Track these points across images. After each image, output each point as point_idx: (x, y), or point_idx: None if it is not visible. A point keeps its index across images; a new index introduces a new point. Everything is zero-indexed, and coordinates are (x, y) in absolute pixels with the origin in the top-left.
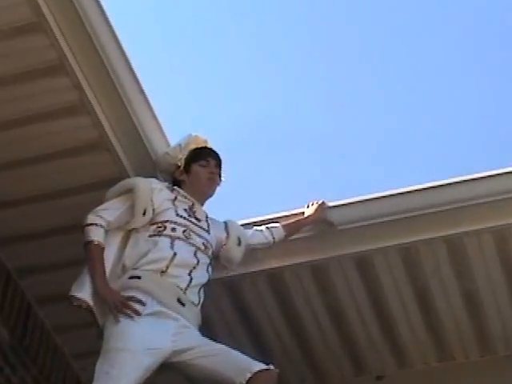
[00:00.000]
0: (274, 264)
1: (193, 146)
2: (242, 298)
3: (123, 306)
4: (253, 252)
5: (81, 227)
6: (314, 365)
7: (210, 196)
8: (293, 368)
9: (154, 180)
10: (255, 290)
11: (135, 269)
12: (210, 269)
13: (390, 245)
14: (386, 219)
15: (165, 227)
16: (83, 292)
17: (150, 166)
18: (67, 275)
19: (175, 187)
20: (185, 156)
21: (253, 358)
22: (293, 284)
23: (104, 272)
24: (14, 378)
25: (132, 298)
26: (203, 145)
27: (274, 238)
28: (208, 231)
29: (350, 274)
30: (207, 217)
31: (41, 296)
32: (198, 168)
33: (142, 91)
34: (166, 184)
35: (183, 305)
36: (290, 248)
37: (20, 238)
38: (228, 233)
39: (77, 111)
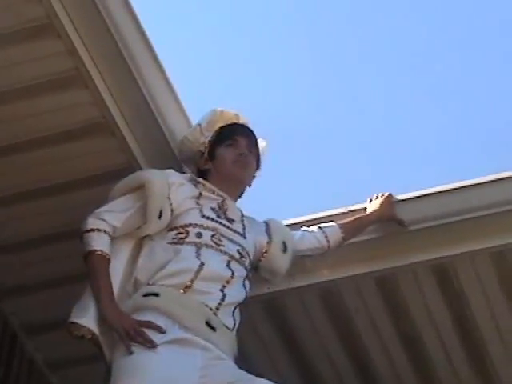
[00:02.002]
0: (328, 276)
1: (219, 125)
2: (287, 320)
3: (137, 335)
4: (300, 261)
5: (79, 234)
6: None
7: (243, 186)
8: None
9: (171, 172)
10: (303, 309)
11: (151, 284)
12: (246, 283)
13: (479, 248)
14: (473, 215)
15: (187, 233)
16: (87, 318)
17: (168, 154)
18: (63, 296)
19: (201, 180)
20: (208, 138)
21: None
22: (352, 301)
23: (111, 290)
24: None
25: (148, 324)
26: (233, 121)
27: (328, 242)
28: (243, 235)
29: (427, 288)
30: (243, 216)
31: (29, 323)
32: (224, 150)
33: (155, 58)
34: (189, 176)
35: (214, 329)
36: (347, 255)
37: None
38: (270, 236)
39: (72, 84)
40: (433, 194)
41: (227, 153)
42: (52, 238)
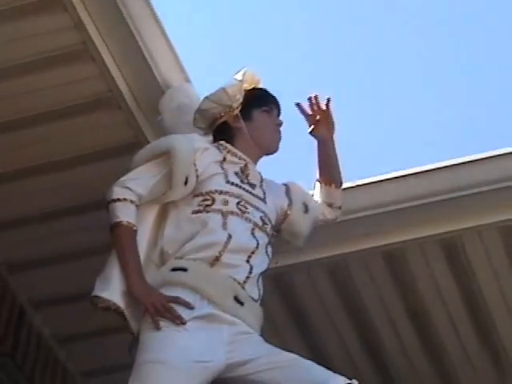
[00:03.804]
0: (336, 250)
1: (246, 86)
2: (295, 295)
3: (165, 311)
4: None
5: (105, 203)
6: (389, 382)
7: (272, 153)
8: None
9: (196, 137)
10: (311, 283)
11: (179, 257)
12: (269, 249)
13: (487, 223)
14: (480, 189)
15: (213, 200)
16: (110, 291)
17: None
18: (70, 270)
19: (222, 143)
20: (242, 97)
21: None
22: (360, 276)
23: (139, 264)
24: None
25: (177, 300)
26: (258, 85)
27: (333, 206)
28: (264, 200)
29: (435, 263)
30: (262, 180)
31: (36, 298)
32: (262, 115)
33: (163, 32)
34: (211, 139)
35: (242, 304)
36: (355, 229)
37: (9, 224)
38: (290, 199)
39: (79, 58)
40: (440, 168)
41: (267, 120)
42: (59, 213)
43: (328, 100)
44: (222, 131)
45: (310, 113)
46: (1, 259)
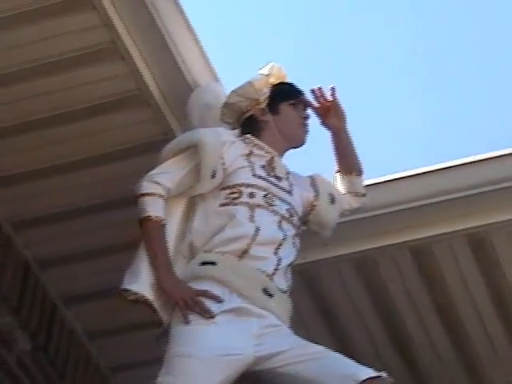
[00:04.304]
0: (363, 246)
1: (273, 80)
2: (323, 290)
3: (194, 305)
4: (335, 230)
5: (134, 197)
6: (417, 377)
7: (299, 147)
8: None
9: (222, 130)
10: (339, 278)
11: (208, 251)
12: (296, 241)
13: None
14: (508, 184)
15: (240, 193)
16: (139, 283)
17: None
18: (101, 266)
19: (248, 136)
20: (268, 91)
21: None
22: (387, 271)
23: (168, 258)
24: None
25: (205, 294)
26: (285, 80)
27: (358, 195)
28: (290, 192)
29: (462, 258)
30: (288, 173)
31: (68, 293)
32: (288, 108)
33: (191, 30)
34: (237, 133)
35: (270, 296)
36: (382, 224)
37: (39, 220)
38: (317, 190)
39: (107, 56)
40: (468, 163)
41: (293, 113)
42: (89, 209)
43: (333, 89)
44: (248, 125)
45: (317, 105)
46: (32, 255)
